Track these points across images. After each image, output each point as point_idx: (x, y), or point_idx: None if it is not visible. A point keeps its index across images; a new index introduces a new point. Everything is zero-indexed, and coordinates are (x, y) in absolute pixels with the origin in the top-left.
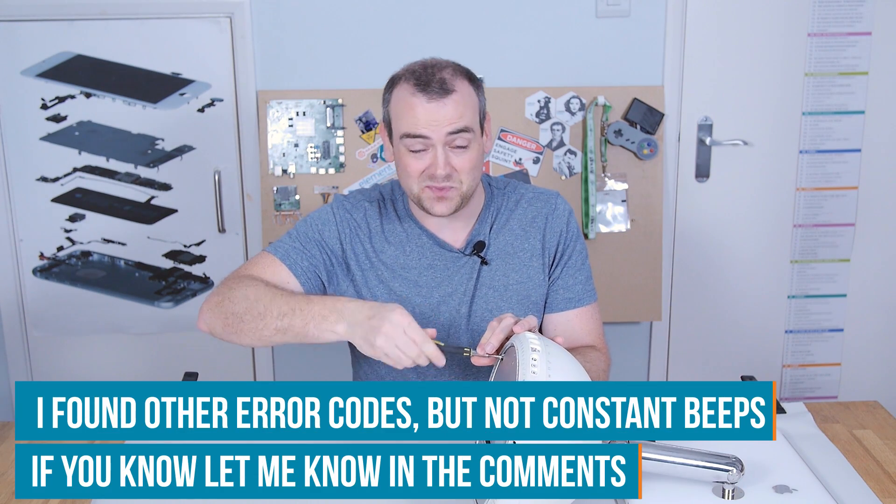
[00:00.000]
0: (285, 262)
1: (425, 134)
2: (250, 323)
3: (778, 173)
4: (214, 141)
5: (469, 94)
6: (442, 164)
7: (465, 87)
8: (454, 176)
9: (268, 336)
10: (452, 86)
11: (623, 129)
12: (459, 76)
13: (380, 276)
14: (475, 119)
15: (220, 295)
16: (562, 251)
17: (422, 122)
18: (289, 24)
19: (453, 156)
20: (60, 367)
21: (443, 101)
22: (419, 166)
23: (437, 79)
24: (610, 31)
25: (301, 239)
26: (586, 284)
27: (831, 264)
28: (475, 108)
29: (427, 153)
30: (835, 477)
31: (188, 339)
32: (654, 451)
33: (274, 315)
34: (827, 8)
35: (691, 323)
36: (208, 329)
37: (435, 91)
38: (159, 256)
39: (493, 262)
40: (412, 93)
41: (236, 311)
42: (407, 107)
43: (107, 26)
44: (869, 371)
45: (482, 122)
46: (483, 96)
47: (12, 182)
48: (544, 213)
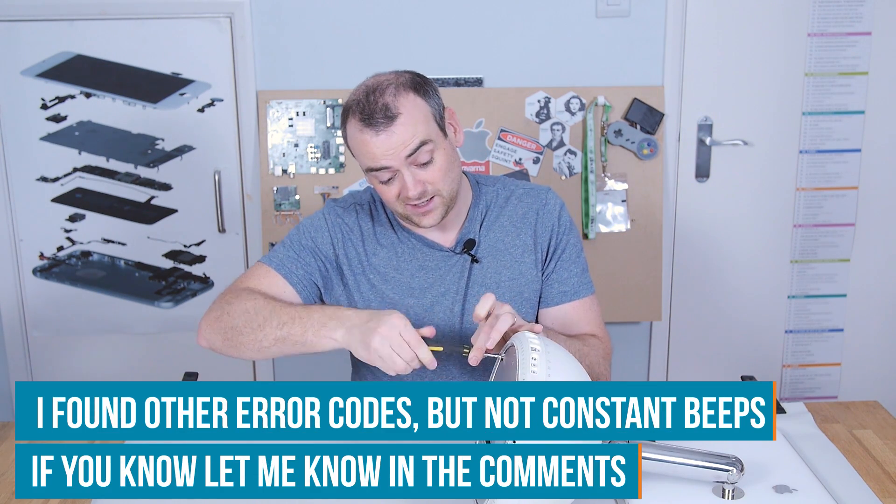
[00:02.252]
0: (280, 271)
1: (385, 165)
2: (249, 335)
3: (778, 173)
4: (214, 141)
5: (416, 108)
6: (411, 185)
7: (410, 103)
8: (429, 189)
9: (267, 347)
10: (396, 109)
11: (623, 129)
12: (402, 93)
13: (371, 281)
14: (430, 127)
15: (219, 310)
16: (554, 245)
17: (378, 155)
18: (289, 24)
19: (421, 172)
20: (60, 367)
21: (391, 130)
22: (393, 192)
23: (381, 106)
24: (610, 31)
25: (295, 247)
26: (581, 277)
27: (831, 264)
28: (427, 117)
29: (395, 179)
30: (835, 477)
31: (188, 339)
32: (654, 451)
33: (273, 325)
34: (827, 8)
35: (691, 323)
36: (208, 345)
37: (380, 122)
38: (159, 256)
39: (484, 259)
40: (360, 129)
41: (235, 324)
42: (360, 144)
43: (107, 26)
44: (869, 371)
45: (442, 123)
46: (435, 97)
47: (12, 182)
48: (535, 208)
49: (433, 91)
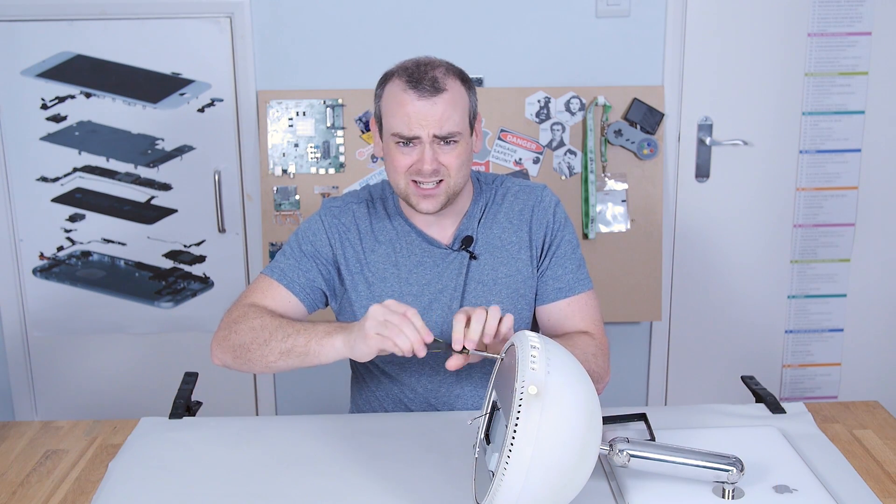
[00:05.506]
0: (282, 281)
1: (415, 134)
2: (256, 351)
3: (778, 173)
4: (214, 141)
5: (460, 94)
6: (429, 159)
7: (457, 87)
8: (441, 170)
9: (273, 361)
10: (444, 84)
11: (623, 129)
12: (452, 75)
13: (367, 281)
14: (464, 120)
15: (227, 329)
16: (549, 242)
17: (413, 120)
18: (289, 24)
19: (441, 152)
20: (60, 367)
21: (433, 100)
22: (407, 161)
23: (430, 77)
24: (610, 31)
25: (294, 255)
26: (577, 273)
27: (831, 264)
28: (465, 107)
29: (415, 148)
30: (835, 477)
31: (188, 339)
32: (655, 450)
33: (278, 338)
34: (827, 8)
35: (691, 323)
36: (221, 363)
37: (426, 89)
38: (159, 256)
39: (482, 256)
40: (403, 89)
41: (243, 342)
42: (397, 103)
43: (107, 26)
44: (869, 371)
45: (472, 122)
46: (475, 97)
47: (12, 182)
48: (530, 205)
49: (474, 90)
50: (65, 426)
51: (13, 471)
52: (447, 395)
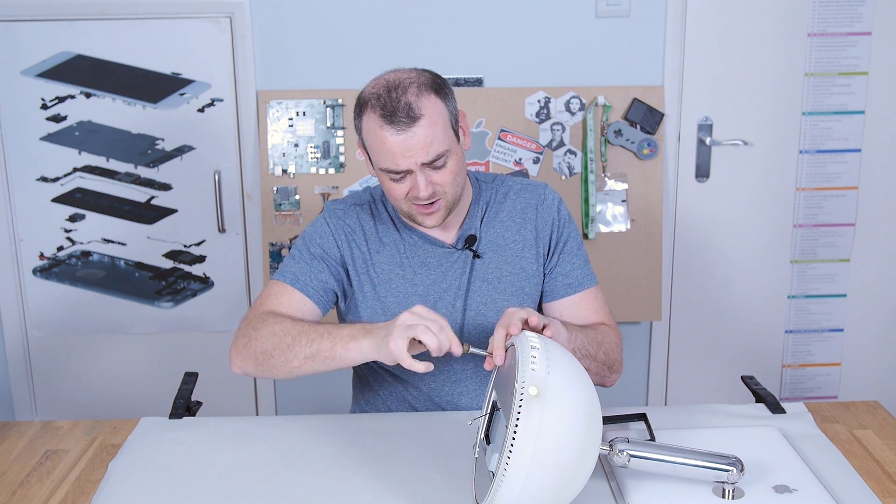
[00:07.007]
0: (295, 285)
1: (402, 168)
2: (280, 357)
3: (778, 173)
4: (214, 141)
5: (437, 111)
6: (423, 186)
7: (432, 105)
8: (437, 191)
9: (297, 366)
10: (419, 110)
11: (623, 129)
12: (425, 93)
13: (372, 281)
14: (448, 133)
15: (245, 336)
16: (556, 239)
17: (397, 155)
18: (289, 24)
19: (433, 175)
20: (60, 367)
21: (412, 131)
22: (402, 190)
23: (403, 105)
24: (610, 31)
25: (304, 258)
26: (584, 268)
27: (831, 264)
28: (446, 121)
29: (407, 178)
30: (835, 477)
31: (188, 339)
32: (655, 450)
33: (302, 344)
34: (827, 8)
35: (691, 323)
36: (242, 371)
37: (402, 121)
38: (159, 256)
39: (486, 254)
40: (380, 125)
41: (265, 348)
42: (378, 140)
43: (107, 26)
44: (869, 371)
45: (456, 126)
46: (452, 100)
47: (12, 182)
48: (534, 203)
49: (450, 93)
50: (65, 426)
51: (13, 471)
52: (451, 393)
